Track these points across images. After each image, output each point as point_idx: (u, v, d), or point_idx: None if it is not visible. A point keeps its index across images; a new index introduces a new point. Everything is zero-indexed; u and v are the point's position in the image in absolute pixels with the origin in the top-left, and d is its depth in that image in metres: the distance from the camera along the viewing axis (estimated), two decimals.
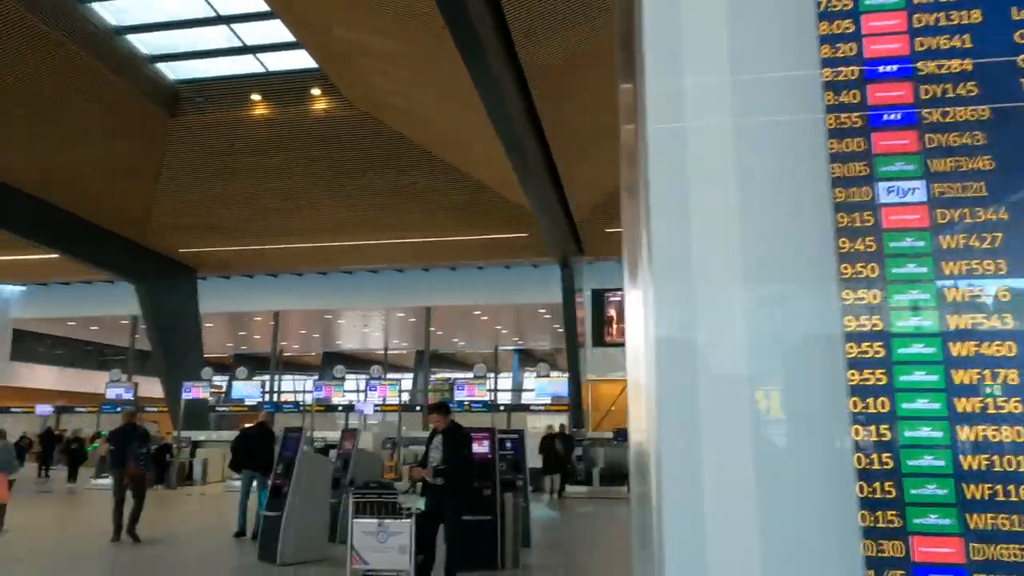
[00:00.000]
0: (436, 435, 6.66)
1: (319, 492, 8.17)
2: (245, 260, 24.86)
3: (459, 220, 21.64)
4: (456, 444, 6.49)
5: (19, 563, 8.02)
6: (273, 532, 7.82)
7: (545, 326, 34.15)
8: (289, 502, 7.82)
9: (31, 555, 8.49)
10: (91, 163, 18.70)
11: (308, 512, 7.94)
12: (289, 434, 8.32)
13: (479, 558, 7.26)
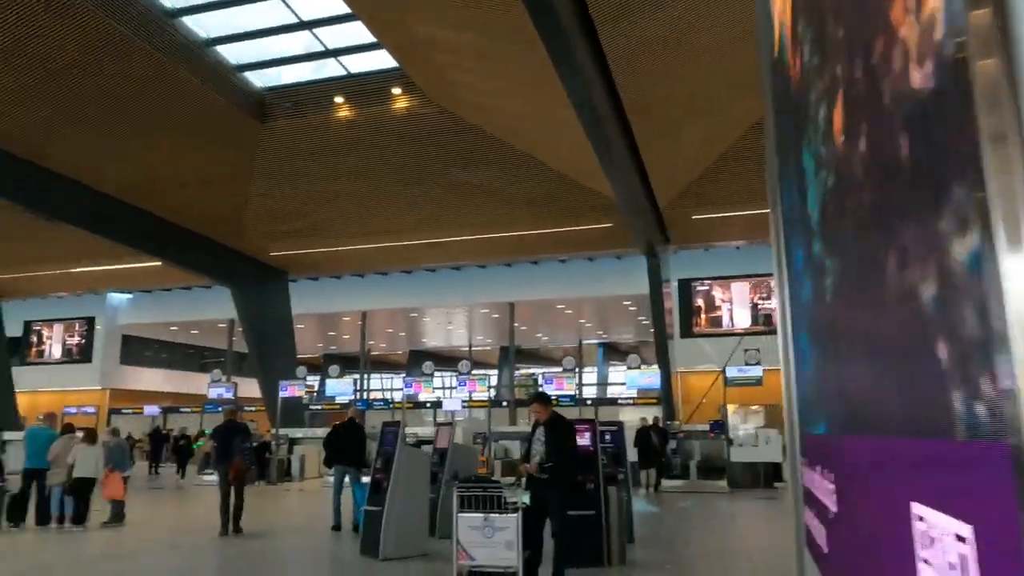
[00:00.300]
0: (538, 427, 6.43)
1: (418, 487, 8.08)
2: (332, 261, 25.36)
3: (541, 213, 21.40)
4: (559, 436, 6.23)
5: (140, 555, 8.25)
6: (374, 527, 7.77)
7: (630, 318, 33.55)
8: (389, 497, 7.75)
9: (149, 547, 8.74)
10: (187, 172, 19.42)
11: (408, 507, 7.86)
12: (387, 429, 8.27)
13: (584, 554, 6.99)
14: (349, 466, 10.13)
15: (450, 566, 7.34)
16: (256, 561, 8.03)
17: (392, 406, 29.18)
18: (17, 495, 10.17)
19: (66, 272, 26.37)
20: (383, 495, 7.83)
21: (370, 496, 8.06)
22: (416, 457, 8.17)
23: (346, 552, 8.29)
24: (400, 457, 7.92)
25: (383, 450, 8.14)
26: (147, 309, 33.16)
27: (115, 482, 10.43)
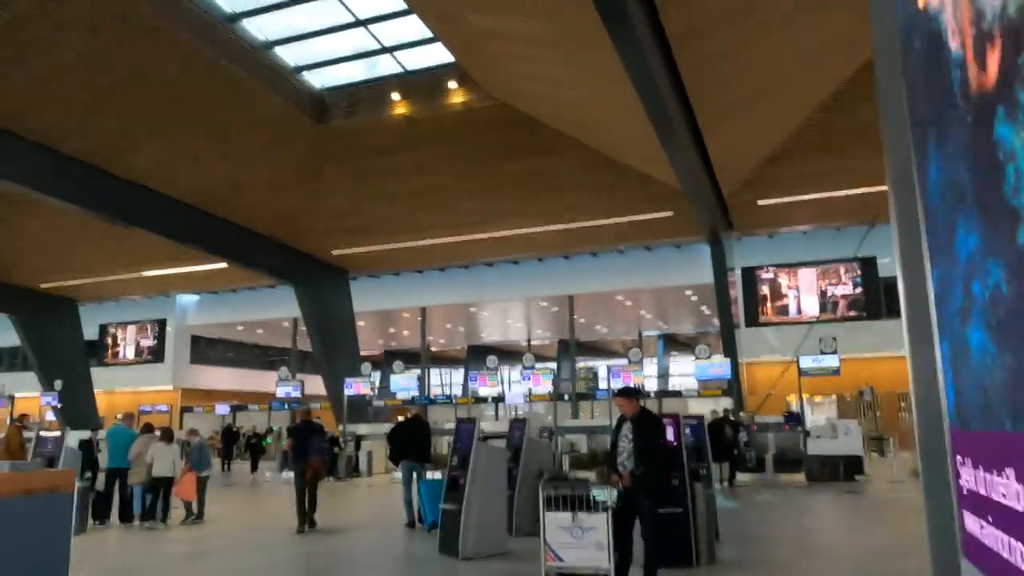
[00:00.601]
0: (624, 423, 6.14)
1: (496, 484, 7.89)
2: (392, 258, 25.48)
3: (600, 203, 21.03)
4: (649, 433, 5.94)
5: (224, 553, 8.29)
6: (452, 525, 7.61)
7: (691, 308, 32.86)
8: (467, 495, 7.58)
9: (231, 545, 8.79)
10: (251, 176, 19.69)
11: (487, 505, 7.68)
12: (462, 425, 8.10)
13: (672, 553, 6.68)
14: (415, 460, 10.14)
15: (533, 566, 7.14)
16: (337, 559, 7.96)
17: (455, 401, 29.27)
18: (101, 493, 10.37)
19: (138, 275, 27.15)
20: (460, 493, 7.66)
21: (446, 494, 7.90)
22: (493, 454, 7.98)
23: (424, 550, 8.15)
24: (477, 454, 7.74)
25: (458, 447, 7.97)
26: (214, 310, 33.98)
27: (189, 482, 10.54)
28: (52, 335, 28.28)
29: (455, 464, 7.93)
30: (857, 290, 25.14)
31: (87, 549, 8.76)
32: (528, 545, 8.22)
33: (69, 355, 28.78)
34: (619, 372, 16.64)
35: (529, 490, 9.02)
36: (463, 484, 7.68)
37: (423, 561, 7.61)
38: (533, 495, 9.02)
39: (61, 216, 22.23)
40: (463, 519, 7.52)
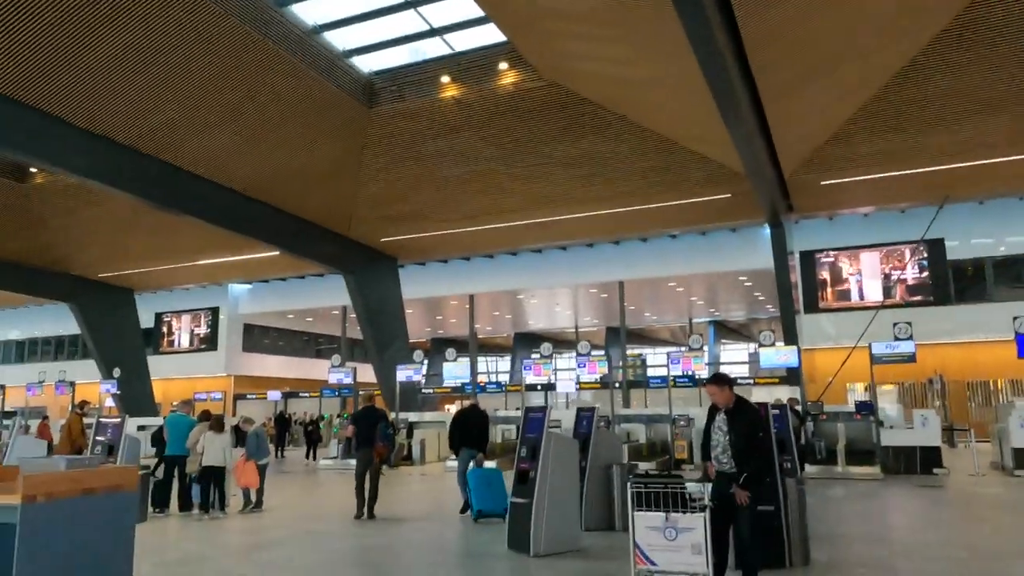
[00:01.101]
0: (716, 412, 5.60)
1: (569, 476, 7.42)
2: (440, 245, 25.12)
3: (654, 186, 20.30)
4: (748, 424, 5.39)
5: (285, 543, 8.01)
6: (522, 520, 7.18)
7: (744, 295, 31.89)
8: (538, 488, 7.13)
9: (292, 535, 8.51)
10: (302, 163, 19.50)
11: (559, 499, 7.22)
12: (531, 414, 7.64)
13: (764, 554, 6.13)
14: (473, 448, 10.15)
15: (610, 565, 6.67)
16: (402, 554, 7.60)
17: (505, 389, 28.96)
18: (160, 482, 10.21)
19: (191, 264, 27.35)
20: (531, 486, 7.21)
21: (515, 487, 7.46)
22: (565, 444, 7.50)
23: (491, 545, 7.74)
24: (548, 445, 7.28)
25: (528, 437, 7.52)
26: (265, 298, 34.19)
27: (251, 471, 10.31)
28: (110, 324, 28.71)
29: (524, 455, 7.48)
30: (923, 274, 23.99)
31: (147, 540, 8.56)
32: (601, 541, 7.76)
33: (126, 343, 29.20)
34: (678, 359, 16.00)
35: (599, 483, 8.55)
36: (533, 477, 7.23)
37: (492, 558, 7.19)
38: (604, 489, 8.56)
39: (117, 206, 22.44)
40: (534, 514, 7.07)
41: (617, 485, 8.53)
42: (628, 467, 8.78)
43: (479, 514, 9.12)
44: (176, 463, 10.22)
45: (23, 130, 15.14)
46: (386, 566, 7.03)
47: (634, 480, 5.16)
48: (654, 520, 5.05)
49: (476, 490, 9.21)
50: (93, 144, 16.32)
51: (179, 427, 10.35)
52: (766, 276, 28.00)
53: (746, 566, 5.31)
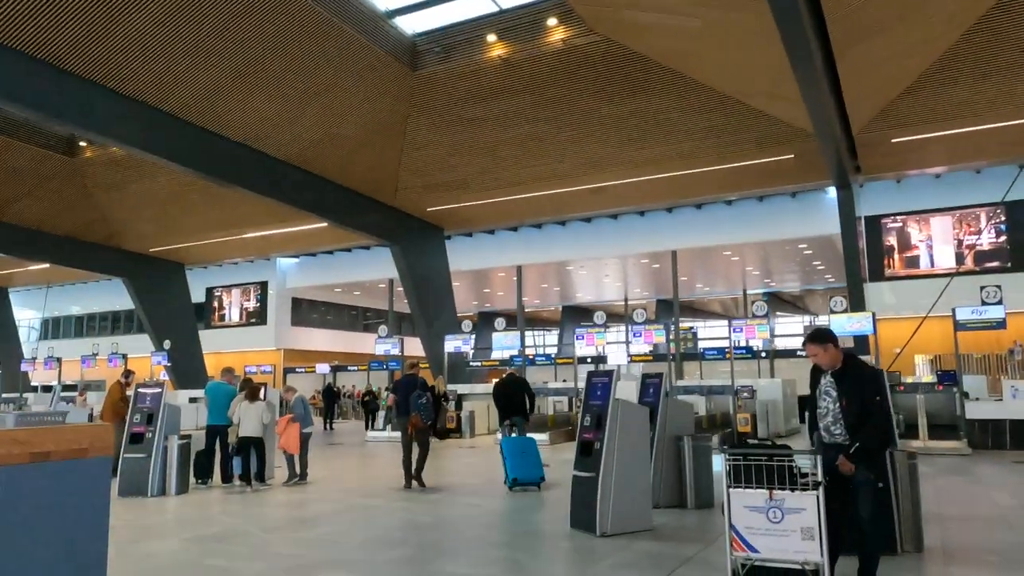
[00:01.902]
0: (822, 376, 4.68)
1: (639, 448, 6.59)
2: (487, 214, 24.29)
3: (711, 147, 19.09)
4: (864, 386, 4.47)
5: (330, 518, 7.40)
6: (587, 497, 6.38)
7: (802, 264, 30.36)
8: (604, 461, 6.32)
9: (337, 510, 7.91)
10: (346, 129, 18.85)
11: (628, 473, 6.40)
12: (595, 380, 6.80)
13: None
14: (516, 417, 10.56)
15: (689, 548, 5.82)
16: (455, 532, 6.89)
17: (554, 361, 28.17)
18: (203, 452, 9.72)
19: (240, 237, 27.12)
20: (596, 459, 6.40)
21: (578, 460, 6.66)
22: (634, 413, 6.65)
23: (551, 522, 6.98)
24: (616, 413, 6.44)
25: (592, 405, 6.69)
26: (313, 272, 33.97)
27: (294, 433, 9.73)
28: (162, 298, 28.78)
29: (587, 424, 6.66)
30: (1001, 239, 22.27)
31: (185, 512, 8.04)
32: (672, 520, 6.93)
33: (178, 317, 29.27)
34: (740, 327, 14.95)
35: (669, 457, 7.69)
36: (599, 448, 6.42)
37: (553, 537, 6.42)
38: (674, 462, 7.70)
39: (165, 179, 22.22)
40: (600, 490, 6.26)
41: (688, 457, 7.67)
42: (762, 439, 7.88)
43: (514, 482, 8.93)
44: (217, 433, 9.70)
45: (69, 99, 14.86)
46: (438, 546, 6.32)
47: (731, 451, 4.28)
48: (755, 498, 4.18)
49: (510, 458, 9.03)
50: (138, 112, 15.96)
51: (218, 396, 9.82)
52: (827, 244, 26.52)
53: (865, 556, 4.41)
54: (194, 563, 5.57)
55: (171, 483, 8.91)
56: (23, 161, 21.97)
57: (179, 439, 9.05)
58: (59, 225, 24.98)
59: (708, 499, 7.64)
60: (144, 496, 8.71)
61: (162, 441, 8.95)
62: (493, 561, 5.69)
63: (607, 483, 6.29)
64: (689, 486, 7.61)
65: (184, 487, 9.05)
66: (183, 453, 9.05)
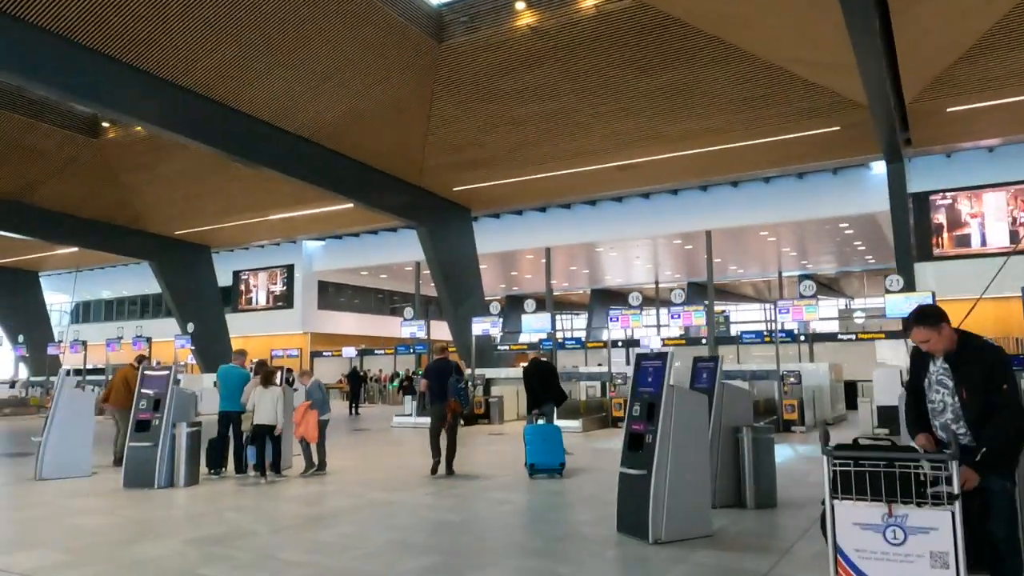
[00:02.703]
0: (932, 361, 3.72)
1: (698, 441, 5.68)
2: (515, 194, 23.35)
3: (750, 120, 17.93)
4: (987, 373, 3.50)
5: (349, 516, 6.63)
6: (638, 497, 5.50)
7: (842, 244, 29.00)
8: (658, 456, 5.42)
9: (357, 506, 7.14)
10: (370, 105, 18.02)
11: (686, 470, 5.49)
12: (646, 363, 5.88)
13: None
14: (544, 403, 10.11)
15: (759, 561, 4.93)
16: (488, 535, 6.06)
17: (585, 345, 27.28)
18: (215, 440, 9.01)
19: (265, 219, 26.53)
20: (647, 454, 5.50)
21: (626, 454, 5.77)
22: (692, 401, 5.73)
23: (596, 526, 6.12)
24: (670, 401, 5.53)
25: (641, 393, 5.78)
26: (339, 255, 33.38)
27: (311, 421, 8.96)
28: (188, 281, 28.37)
29: (637, 414, 5.75)
30: None
31: (191, 506, 7.31)
32: (732, 524, 6.02)
33: (205, 300, 28.85)
34: (787, 308, 13.89)
35: (726, 451, 6.77)
36: (651, 442, 5.52)
37: (599, 544, 5.54)
38: (732, 457, 6.78)
39: (189, 161, 21.61)
40: (652, 490, 5.37)
41: (747, 451, 6.74)
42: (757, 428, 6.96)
43: (532, 468, 8.72)
44: (230, 420, 8.97)
45: (89, 76, 14.33)
46: (468, 553, 5.49)
47: (836, 452, 3.36)
48: (869, 514, 3.26)
49: (531, 443, 8.86)
50: (159, 89, 15.40)
51: (231, 380, 9.08)
52: (869, 223, 25.19)
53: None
54: (186, 573, 4.80)
55: (180, 474, 8.20)
56: (47, 143, 21.53)
57: (188, 427, 8.32)
58: (85, 208, 24.59)
59: (769, 498, 6.73)
60: (150, 488, 8.01)
61: (170, 429, 8.23)
62: (531, 573, 4.85)
63: (661, 482, 5.39)
64: (748, 484, 6.69)
65: (194, 478, 8.34)
66: (193, 442, 8.32)
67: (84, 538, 5.83)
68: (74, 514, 6.86)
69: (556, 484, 8.30)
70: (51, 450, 8.86)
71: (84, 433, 9.08)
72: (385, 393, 29.64)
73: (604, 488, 8.02)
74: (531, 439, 8.90)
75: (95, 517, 6.67)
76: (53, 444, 8.87)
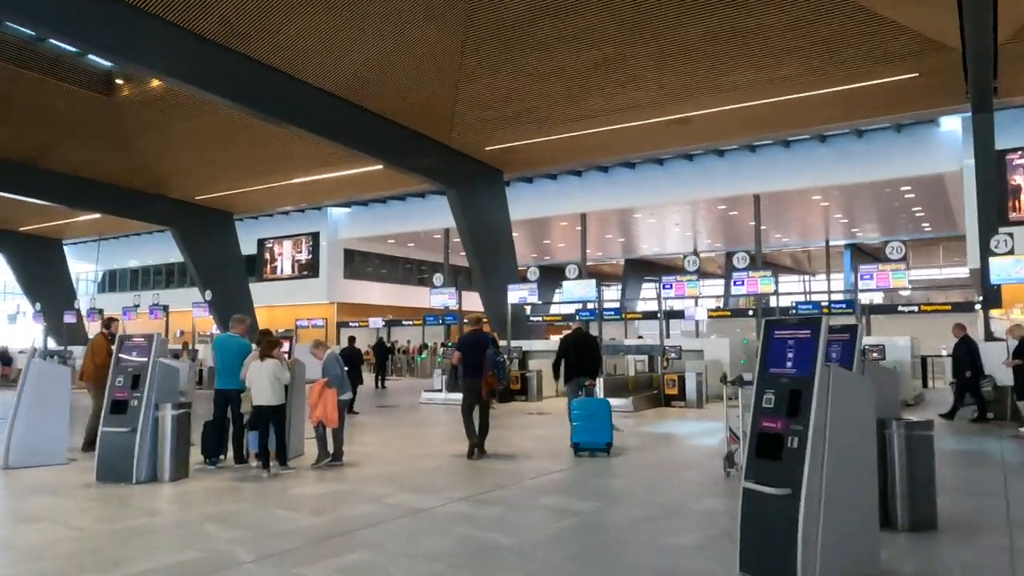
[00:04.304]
0: None
1: (863, 446, 3.88)
2: (551, 153, 21.35)
3: (812, 68, 15.73)
4: None
5: (365, 526, 4.99)
6: (776, 527, 3.71)
7: (900, 209, 26.65)
8: (810, 469, 3.62)
9: (375, 514, 5.51)
10: (397, 55, 16.14)
11: (847, 487, 3.72)
12: (782, 334, 4.05)
13: None
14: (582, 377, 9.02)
15: None
16: (544, 564, 4.34)
17: (623, 316, 25.44)
18: (210, 423, 7.40)
19: (289, 183, 24.92)
20: (792, 465, 3.71)
21: (754, 463, 3.97)
22: (855, 388, 3.92)
23: (691, 552, 4.37)
24: (825, 388, 3.72)
25: (776, 376, 3.97)
26: (365, 222, 31.79)
27: (329, 402, 7.30)
28: (211, 248, 26.96)
29: (770, 406, 3.95)
30: None
31: (167, 512, 5.68)
32: (899, 557, 4.21)
33: (228, 268, 27.43)
34: (871, 274, 11.92)
35: None
36: (797, 448, 3.73)
37: None
38: (878, 462, 4.94)
39: (207, 120, 19.98)
40: (802, 519, 3.59)
41: (898, 453, 4.92)
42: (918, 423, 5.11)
43: (576, 447, 8.13)
44: (228, 399, 7.34)
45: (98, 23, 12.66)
46: None
47: None
48: None
49: (578, 420, 8.16)
50: (169, 35, 13.67)
51: (228, 352, 7.42)
52: (934, 185, 22.87)
53: None
54: None
55: (164, 466, 6.60)
56: (60, 102, 20.05)
57: (175, 408, 6.71)
58: (101, 171, 23.20)
59: (928, 518, 4.90)
60: (128, 483, 6.42)
61: (152, 411, 6.62)
62: None
63: (813, 505, 3.61)
64: (900, 498, 4.87)
65: (182, 470, 6.74)
66: (180, 426, 6.71)
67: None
68: (14, 522, 5.29)
69: (621, 482, 6.60)
70: (19, 434, 7.32)
71: (58, 415, 7.51)
72: (413, 365, 28.14)
73: (684, 490, 6.29)
74: (577, 416, 8.18)
75: (37, 528, 5.06)
76: (21, 427, 7.32)
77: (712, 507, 5.64)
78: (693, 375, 13.34)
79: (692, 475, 7.11)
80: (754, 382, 4.14)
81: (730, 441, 6.80)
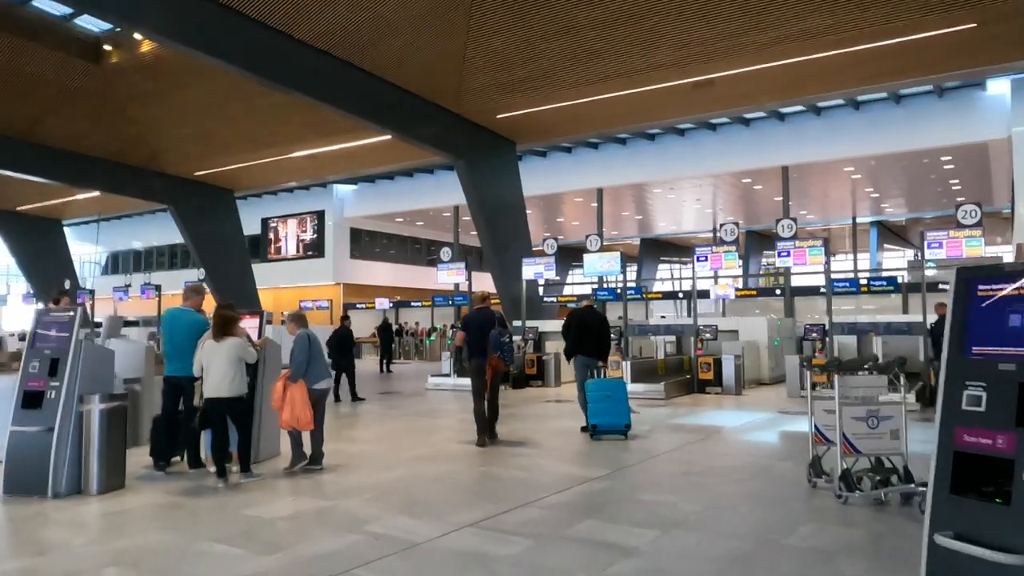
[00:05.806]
0: None
1: None
2: (566, 121, 19.56)
3: (856, 20, 13.90)
4: None
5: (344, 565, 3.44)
6: None
7: (935, 182, 24.74)
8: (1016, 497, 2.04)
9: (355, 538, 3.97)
10: (399, 14, 14.49)
11: None
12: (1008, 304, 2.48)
13: None
14: (591, 356, 8.32)
15: None
16: None
17: (644, 295, 23.81)
18: (159, 420, 5.88)
19: (291, 157, 23.33)
20: None
21: (947, 501, 2.39)
22: None
23: None
24: None
25: (971, 358, 2.38)
26: (372, 200, 30.19)
27: (299, 400, 5.70)
28: (212, 227, 25.48)
29: (975, 408, 2.36)
30: None
31: (68, 549, 4.09)
32: None
33: (230, 247, 25.96)
34: (940, 242, 10.25)
35: None
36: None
37: None
38: None
39: (202, 89, 18.37)
40: None
41: None
42: None
43: (594, 429, 7.68)
44: (180, 390, 5.81)
45: None
46: None
47: None
48: None
49: (593, 402, 7.73)
50: None
51: (178, 331, 5.85)
52: (976, 155, 21.01)
53: None
54: None
55: (91, 475, 5.09)
56: (46, 70, 18.54)
57: (106, 400, 5.18)
58: (93, 145, 21.70)
59: None
60: (43, 497, 4.92)
61: (74, 405, 5.10)
62: None
63: None
64: None
65: (115, 480, 5.22)
66: (113, 423, 5.19)
67: None
68: None
69: (676, 499, 5.02)
70: None
71: None
72: (422, 348, 26.66)
73: (766, 511, 4.52)
74: (594, 397, 7.71)
75: None
76: None
77: (819, 543, 4.00)
78: (731, 358, 11.71)
79: (767, 487, 5.49)
80: (941, 368, 2.54)
81: (816, 442, 5.22)
